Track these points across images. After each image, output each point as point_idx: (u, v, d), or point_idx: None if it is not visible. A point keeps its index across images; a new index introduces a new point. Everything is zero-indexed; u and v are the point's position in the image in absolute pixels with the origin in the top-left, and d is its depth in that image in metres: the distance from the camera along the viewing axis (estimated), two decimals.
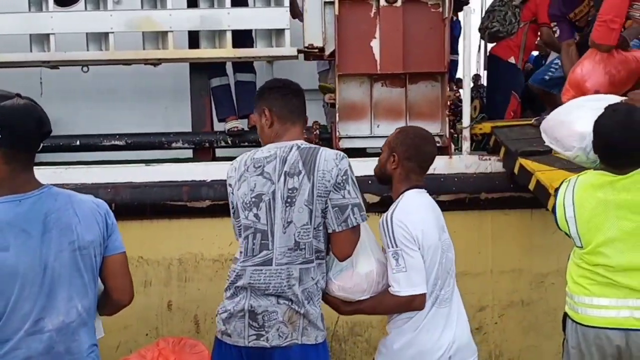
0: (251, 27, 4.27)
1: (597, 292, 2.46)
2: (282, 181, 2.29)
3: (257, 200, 2.31)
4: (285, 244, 2.28)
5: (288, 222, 2.27)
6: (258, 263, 2.30)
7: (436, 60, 4.25)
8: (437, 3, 4.23)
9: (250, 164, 2.35)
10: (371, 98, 4.33)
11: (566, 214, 2.52)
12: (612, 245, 2.42)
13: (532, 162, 3.70)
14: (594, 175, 2.54)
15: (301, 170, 2.28)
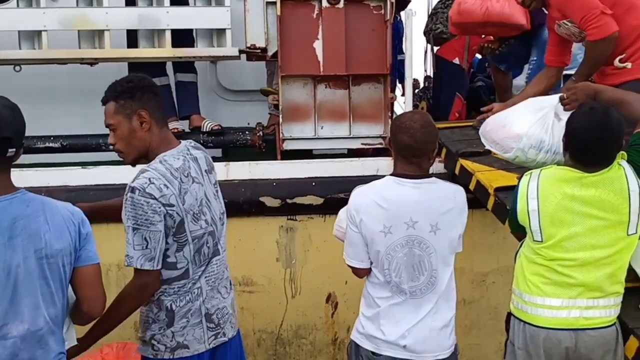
0: (191, 27, 4.20)
1: (549, 292, 2.45)
2: (206, 180, 2.35)
3: (202, 206, 2.30)
4: (223, 233, 2.43)
5: (221, 212, 2.42)
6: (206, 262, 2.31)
7: (379, 62, 4.28)
8: (379, 5, 4.27)
9: (178, 174, 2.22)
10: (315, 99, 4.32)
11: (529, 207, 2.48)
12: (574, 240, 2.42)
13: (472, 162, 3.76)
14: (560, 170, 2.52)
15: (212, 166, 2.44)
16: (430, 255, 2.46)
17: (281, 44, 4.15)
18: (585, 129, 2.42)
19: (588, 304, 2.43)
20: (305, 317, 4.09)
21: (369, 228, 2.44)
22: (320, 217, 4.01)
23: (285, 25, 4.15)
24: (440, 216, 2.46)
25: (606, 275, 2.44)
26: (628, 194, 2.42)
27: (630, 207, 2.41)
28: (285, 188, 3.96)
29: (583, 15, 2.88)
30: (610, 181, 2.43)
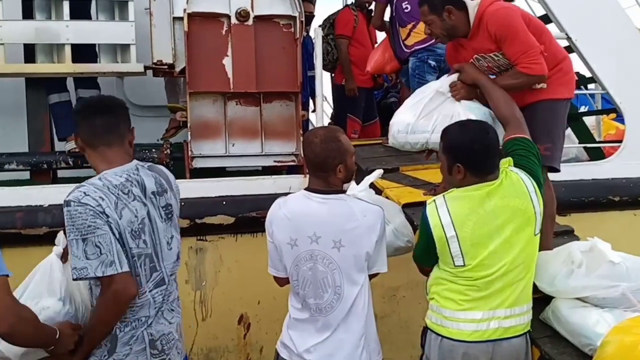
0: (93, 42, 4.03)
1: (471, 306, 2.47)
2: (153, 201, 2.28)
3: (142, 225, 2.24)
4: (170, 259, 2.35)
5: (170, 237, 2.35)
6: (153, 287, 2.26)
7: (289, 79, 4.28)
8: (288, 23, 4.27)
9: (116, 190, 2.19)
10: (225, 116, 4.25)
11: (446, 234, 2.47)
12: (494, 255, 2.46)
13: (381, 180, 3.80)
14: (465, 191, 2.54)
15: (166, 188, 2.36)
16: (334, 271, 2.46)
17: (189, 60, 4.06)
18: (471, 140, 2.52)
19: (506, 313, 2.49)
20: (216, 340, 3.99)
21: (278, 239, 2.52)
22: (231, 236, 3.94)
23: (193, 41, 4.06)
24: (344, 233, 2.46)
25: (522, 281, 2.53)
26: (529, 195, 2.53)
27: (534, 208, 2.53)
28: (195, 207, 3.85)
29: (525, 50, 3.00)
30: (512, 188, 2.53)
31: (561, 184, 4.43)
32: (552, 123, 3.14)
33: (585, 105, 7.29)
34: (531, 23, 3.12)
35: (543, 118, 3.11)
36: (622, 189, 4.54)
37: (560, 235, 3.38)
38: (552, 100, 3.12)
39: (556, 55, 3.15)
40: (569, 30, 4.62)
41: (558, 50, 3.20)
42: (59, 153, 4.24)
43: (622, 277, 2.67)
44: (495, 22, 3.01)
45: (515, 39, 3.00)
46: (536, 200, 2.54)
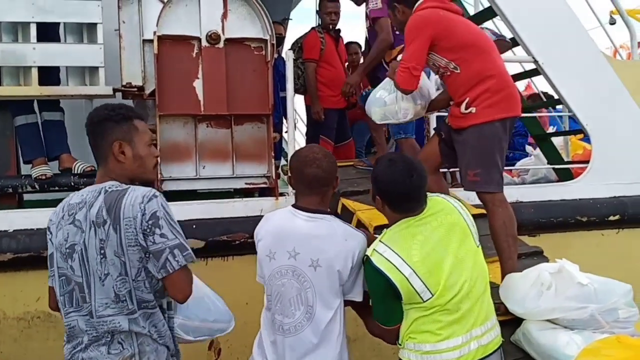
0: (61, 64, 3.98)
1: (448, 334, 2.43)
2: (92, 231, 2.14)
3: (71, 251, 2.16)
4: (106, 295, 2.15)
5: (105, 274, 2.14)
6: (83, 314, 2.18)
7: (261, 102, 4.27)
8: (260, 46, 4.28)
9: (66, 210, 2.22)
10: (196, 139, 4.22)
11: (405, 274, 2.40)
12: (452, 275, 2.44)
13: (353, 202, 3.83)
14: (398, 228, 2.52)
15: (106, 220, 2.13)
16: (307, 290, 2.45)
17: (159, 83, 4.03)
18: (396, 180, 2.49)
19: (482, 330, 2.49)
20: None
21: (260, 251, 2.59)
22: (201, 260, 3.88)
23: (163, 64, 4.04)
24: (322, 254, 2.45)
25: (485, 294, 2.53)
26: (457, 209, 2.56)
27: (466, 220, 2.55)
28: None
29: (404, 58, 3.21)
30: (439, 208, 2.54)
31: (530, 205, 4.52)
32: (484, 148, 3.10)
33: (554, 125, 7.43)
34: (450, 36, 3.15)
35: (471, 144, 3.12)
36: (590, 210, 4.62)
37: (530, 256, 3.41)
38: (479, 124, 3.10)
39: (479, 73, 3.11)
40: (535, 53, 4.72)
41: (485, 68, 3.13)
42: (24, 177, 4.15)
43: (591, 299, 2.71)
44: (407, 26, 3.25)
45: (407, 46, 3.22)
46: (465, 214, 2.57)
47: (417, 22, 3.18)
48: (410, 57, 3.15)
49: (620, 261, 4.42)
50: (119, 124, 2.26)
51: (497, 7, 4.76)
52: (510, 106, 3.16)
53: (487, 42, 3.29)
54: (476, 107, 3.09)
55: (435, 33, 3.13)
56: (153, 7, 4.14)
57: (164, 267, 2.13)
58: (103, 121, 2.26)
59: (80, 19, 3.96)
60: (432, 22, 3.15)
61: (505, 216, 3.13)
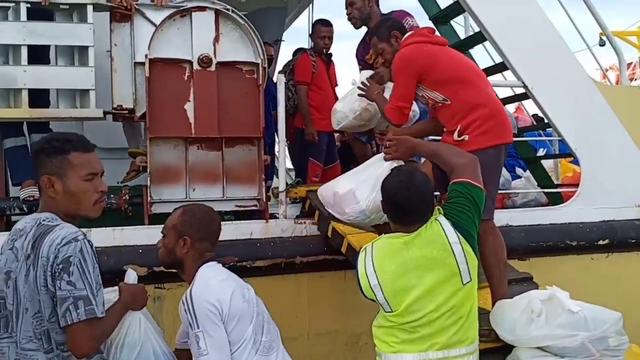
0: (52, 87, 3.98)
1: (401, 349, 2.51)
2: (23, 262, 2.09)
3: (6, 277, 2.12)
4: (28, 328, 2.09)
5: (25, 308, 2.09)
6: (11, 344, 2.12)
7: (252, 124, 4.28)
8: (251, 69, 4.30)
9: (11, 235, 2.16)
10: (186, 161, 4.21)
11: (370, 283, 2.54)
12: (418, 302, 2.49)
13: (343, 225, 3.81)
14: (388, 239, 2.61)
15: (29, 254, 2.07)
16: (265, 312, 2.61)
17: (150, 105, 4.03)
18: (394, 190, 2.57)
19: (438, 355, 2.49)
20: None
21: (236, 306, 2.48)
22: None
23: (154, 86, 4.05)
24: None
25: (453, 327, 2.51)
26: (450, 247, 2.53)
27: (456, 259, 2.52)
28: (153, 255, 3.71)
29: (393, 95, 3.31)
30: (430, 239, 2.54)
31: (520, 229, 4.53)
32: None
33: (544, 148, 7.48)
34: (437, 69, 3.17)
35: None
36: (579, 234, 4.63)
37: (519, 282, 3.41)
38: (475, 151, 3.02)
39: (469, 103, 3.13)
40: (525, 78, 4.76)
41: (474, 97, 3.15)
42: (13, 199, 4.13)
43: (581, 327, 2.70)
44: (393, 63, 3.29)
45: (395, 84, 3.29)
46: (459, 251, 2.52)
47: (403, 59, 3.23)
48: (399, 97, 3.28)
49: (610, 285, 4.43)
50: (49, 157, 2.16)
51: (487, 32, 4.81)
52: (502, 133, 3.18)
53: (474, 71, 3.34)
54: (469, 135, 3.10)
55: (422, 69, 3.18)
56: (145, 29, 4.16)
57: (64, 317, 2.03)
58: (36, 153, 2.21)
59: (72, 42, 3.96)
60: (418, 59, 3.20)
61: (496, 243, 3.13)
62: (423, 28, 3.53)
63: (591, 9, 5.23)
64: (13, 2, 3.85)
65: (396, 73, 3.26)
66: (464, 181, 2.63)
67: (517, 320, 2.82)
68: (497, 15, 4.80)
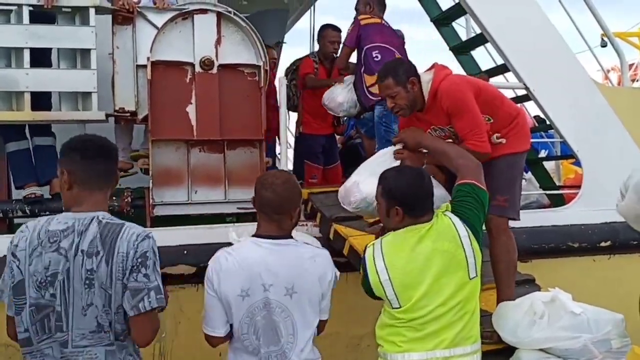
0: (54, 90, 3.99)
1: (408, 348, 2.52)
2: (79, 260, 2.11)
3: (53, 279, 2.11)
4: (85, 326, 2.12)
5: (88, 304, 2.12)
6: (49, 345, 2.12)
7: (253, 127, 4.29)
8: (253, 72, 4.31)
9: (45, 237, 2.13)
10: (188, 163, 4.22)
11: (380, 278, 2.55)
12: (427, 297, 2.50)
13: (345, 227, 3.82)
14: (398, 235, 2.62)
15: (99, 251, 2.12)
16: (286, 319, 2.43)
17: (152, 108, 4.05)
18: (408, 184, 2.61)
19: (445, 354, 2.50)
20: None
21: (226, 291, 2.40)
22: (192, 286, 3.85)
23: (156, 89, 4.06)
24: (296, 279, 2.43)
25: (459, 322, 2.53)
26: (460, 240, 2.56)
27: (465, 252, 2.55)
28: None
29: (472, 128, 3.10)
30: (441, 232, 2.57)
31: (522, 231, 4.50)
32: (512, 176, 3.27)
33: (545, 149, 7.47)
34: (482, 92, 3.19)
35: (503, 171, 3.20)
36: (581, 236, 4.62)
37: (522, 284, 3.41)
38: (511, 154, 3.24)
39: (510, 113, 3.29)
40: (526, 80, 4.76)
41: (512, 108, 3.36)
42: (15, 201, 4.14)
43: (584, 329, 2.71)
44: (449, 97, 3.09)
45: (465, 115, 3.09)
46: (467, 244, 2.57)
47: (461, 90, 3.12)
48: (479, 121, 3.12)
49: (612, 287, 4.42)
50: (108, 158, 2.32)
51: (488, 33, 4.81)
52: (528, 140, 3.39)
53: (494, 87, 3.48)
54: (506, 139, 3.22)
55: (474, 94, 3.14)
56: (147, 32, 4.18)
57: (136, 306, 2.12)
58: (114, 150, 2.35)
59: (74, 45, 3.98)
60: (469, 84, 3.19)
61: (508, 244, 3.18)
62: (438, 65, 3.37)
63: (592, 10, 5.23)
64: (15, 5, 3.88)
65: (463, 104, 3.10)
66: (469, 182, 2.70)
67: (520, 322, 2.82)
68: (498, 17, 4.80)
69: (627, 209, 2.80)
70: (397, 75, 3.15)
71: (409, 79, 3.13)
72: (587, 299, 2.88)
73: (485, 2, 4.81)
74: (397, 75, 3.15)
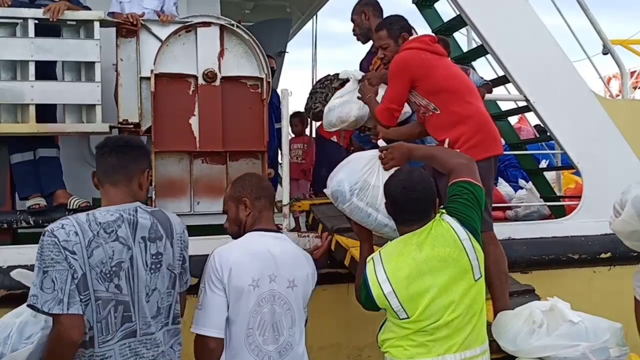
0: (59, 102, 4.05)
1: (417, 352, 2.49)
2: (142, 246, 2.19)
3: (117, 269, 2.14)
4: (148, 312, 2.20)
5: (152, 289, 2.22)
6: (121, 337, 2.14)
7: (256, 139, 4.33)
8: (255, 84, 4.35)
9: (98, 228, 2.14)
10: (191, 175, 4.26)
11: (384, 291, 2.50)
12: (434, 304, 2.47)
13: (346, 238, 3.83)
14: (396, 244, 2.60)
15: (162, 234, 2.27)
16: (287, 312, 2.48)
17: (155, 120, 4.09)
18: (393, 190, 2.61)
19: (456, 358, 2.49)
20: None
21: (238, 284, 2.41)
22: (193, 297, 3.83)
23: (159, 101, 4.10)
24: (296, 272, 2.51)
25: (468, 326, 2.52)
26: (461, 244, 2.54)
27: (468, 255, 2.53)
28: None
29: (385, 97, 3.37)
30: (441, 238, 2.54)
31: (523, 242, 4.54)
32: None
33: (546, 159, 7.48)
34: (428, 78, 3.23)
35: None
36: (581, 247, 4.63)
37: (521, 294, 3.42)
38: None
39: (458, 114, 3.18)
40: (526, 92, 4.79)
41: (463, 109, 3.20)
42: (19, 212, 4.17)
43: (582, 337, 2.72)
44: (391, 65, 3.32)
45: (389, 85, 3.32)
46: (469, 247, 2.54)
47: (400, 63, 3.30)
48: (392, 99, 3.33)
49: (612, 298, 4.41)
50: (147, 157, 2.48)
51: (488, 45, 4.85)
52: (491, 145, 3.24)
53: (466, 83, 3.37)
54: (459, 149, 3.13)
55: (416, 76, 3.24)
56: (151, 45, 4.23)
57: (186, 283, 2.42)
58: (140, 148, 2.43)
59: (79, 58, 4.03)
60: (413, 66, 3.26)
61: (497, 254, 3.16)
62: (425, 35, 3.54)
63: (591, 20, 5.27)
64: (21, 19, 3.93)
65: (392, 75, 3.32)
66: (464, 180, 2.65)
67: (519, 330, 2.83)
68: (498, 29, 4.84)
69: (623, 224, 2.82)
70: (392, 29, 3.44)
71: (401, 34, 3.40)
72: (587, 310, 2.88)
73: (485, 14, 4.86)
74: (391, 29, 3.44)
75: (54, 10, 3.90)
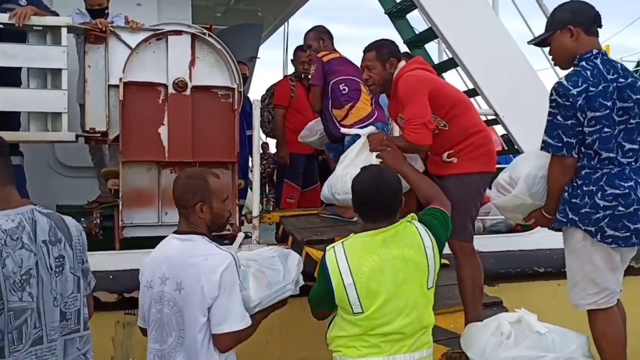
0: (23, 110, 3.96)
1: (368, 352, 2.51)
2: (44, 250, 2.14)
3: (28, 276, 2.08)
4: (55, 317, 2.15)
5: (59, 293, 2.17)
6: (29, 346, 2.07)
7: (226, 149, 4.29)
8: (227, 94, 4.32)
9: (4, 236, 2.07)
10: (159, 185, 4.20)
11: (344, 281, 2.50)
12: (389, 304, 2.49)
13: (317, 250, 3.82)
14: (362, 237, 2.60)
15: (61, 237, 2.23)
16: (177, 314, 2.43)
17: (123, 129, 4.02)
18: (362, 186, 2.62)
19: (406, 358, 2.52)
20: None
21: (141, 285, 2.57)
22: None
23: (128, 110, 4.04)
24: (184, 275, 2.41)
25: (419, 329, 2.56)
26: (424, 250, 2.58)
27: (428, 262, 2.57)
28: (122, 281, 3.71)
29: (410, 118, 3.15)
30: (406, 238, 2.57)
31: (490, 255, 4.57)
32: (458, 196, 3.10)
33: None
34: (440, 95, 3.20)
35: (450, 191, 3.11)
36: (547, 260, 4.69)
37: (490, 306, 3.45)
38: (460, 174, 3.18)
39: (466, 130, 3.22)
40: (495, 106, 4.86)
41: (471, 124, 3.25)
42: None
43: (549, 348, 2.75)
44: (402, 85, 3.20)
45: (409, 105, 3.15)
46: (431, 255, 2.58)
47: (418, 80, 3.19)
48: (421, 112, 3.12)
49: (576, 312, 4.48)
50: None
51: (459, 59, 4.92)
52: (489, 162, 3.29)
53: (468, 99, 3.45)
54: (457, 158, 3.18)
55: (432, 92, 3.17)
56: (120, 52, 4.17)
57: (90, 285, 2.37)
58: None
59: (45, 64, 3.95)
60: (427, 81, 3.21)
61: (474, 267, 3.20)
62: (418, 57, 3.57)
63: None
64: None
65: (412, 93, 3.16)
66: (438, 207, 2.79)
67: (487, 342, 2.85)
68: (468, 44, 4.90)
69: (513, 199, 2.94)
70: (380, 51, 3.32)
71: (389, 59, 3.29)
72: (552, 322, 2.92)
73: (455, 27, 4.92)
74: (380, 52, 3.32)
75: (19, 15, 3.82)
